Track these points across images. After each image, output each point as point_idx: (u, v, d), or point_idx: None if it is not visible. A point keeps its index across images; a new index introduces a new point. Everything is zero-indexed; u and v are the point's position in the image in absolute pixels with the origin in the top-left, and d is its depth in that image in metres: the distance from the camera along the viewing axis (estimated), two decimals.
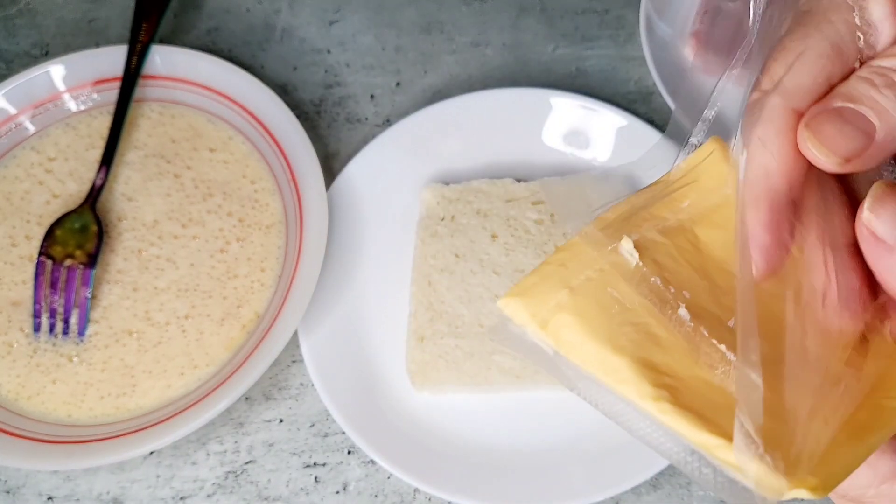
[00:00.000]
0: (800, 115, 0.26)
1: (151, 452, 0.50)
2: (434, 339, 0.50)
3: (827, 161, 0.25)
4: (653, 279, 0.30)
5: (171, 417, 0.47)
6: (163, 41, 0.62)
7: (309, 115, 0.61)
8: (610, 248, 0.30)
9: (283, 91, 0.62)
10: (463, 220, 0.54)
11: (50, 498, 0.49)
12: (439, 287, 0.52)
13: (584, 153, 0.57)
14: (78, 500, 0.49)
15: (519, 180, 0.56)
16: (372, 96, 0.62)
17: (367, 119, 0.61)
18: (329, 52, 0.64)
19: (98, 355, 0.51)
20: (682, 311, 0.28)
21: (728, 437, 0.26)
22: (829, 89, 0.26)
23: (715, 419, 0.27)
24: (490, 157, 0.57)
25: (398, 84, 0.62)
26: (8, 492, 0.49)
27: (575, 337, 0.29)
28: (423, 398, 0.50)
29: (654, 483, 0.48)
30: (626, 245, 0.30)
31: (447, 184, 0.56)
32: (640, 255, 0.30)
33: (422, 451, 0.48)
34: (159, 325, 0.51)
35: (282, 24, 0.65)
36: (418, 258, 0.53)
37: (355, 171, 0.56)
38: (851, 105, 0.25)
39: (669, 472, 0.49)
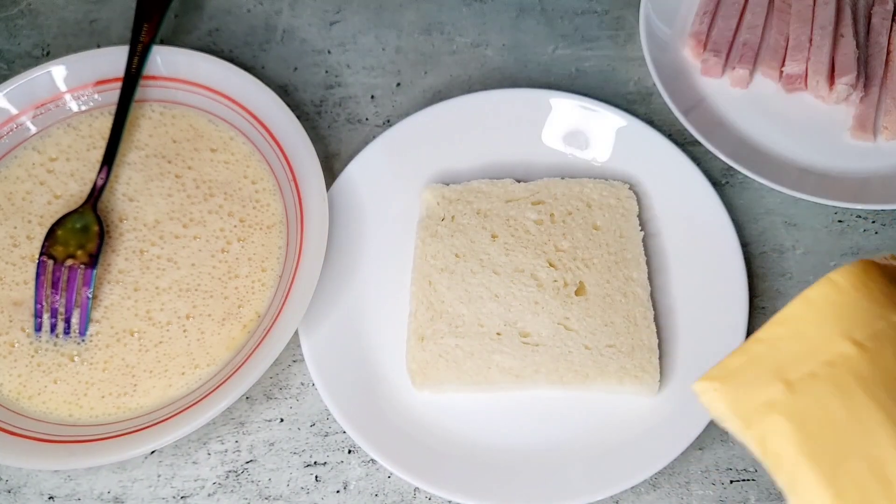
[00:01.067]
0: None
1: (153, 452, 0.50)
2: (434, 339, 0.50)
3: None
4: None
5: (172, 417, 0.47)
6: (164, 42, 0.63)
7: (310, 116, 0.61)
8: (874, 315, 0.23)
9: (284, 92, 0.62)
10: (463, 220, 0.54)
11: (51, 497, 0.49)
12: (439, 287, 0.52)
13: (583, 153, 0.57)
14: (79, 499, 0.49)
15: (519, 180, 0.56)
16: (372, 97, 0.62)
17: (367, 119, 0.61)
18: (330, 52, 0.64)
19: (99, 355, 0.51)
20: None
21: None
22: None
23: None
24: (490, 158, 0.58)
25: (398, 85, 0.62)
26: (9, 491, 0.49)
27: (788, 451, 0.23)
28: (423, 397, 0.50)
29: (654, 483, 0.49)
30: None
31: (447, 184, 0.56)
32: None
33: (422, 451, 0.48)
34: (160, 324, 0.52)
35: (283, 25, 0.65)
36: (418, 258, 0.53)
37: (356, 171, 0.56)
38: None
39: (669, 472, 0.49)
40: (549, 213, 0.54)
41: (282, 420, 0.51)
